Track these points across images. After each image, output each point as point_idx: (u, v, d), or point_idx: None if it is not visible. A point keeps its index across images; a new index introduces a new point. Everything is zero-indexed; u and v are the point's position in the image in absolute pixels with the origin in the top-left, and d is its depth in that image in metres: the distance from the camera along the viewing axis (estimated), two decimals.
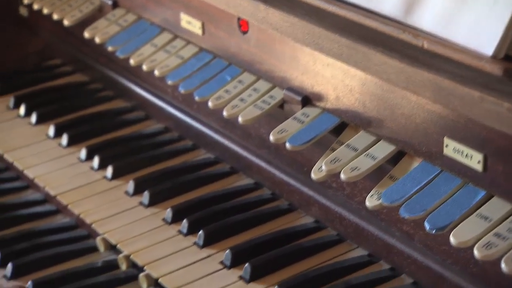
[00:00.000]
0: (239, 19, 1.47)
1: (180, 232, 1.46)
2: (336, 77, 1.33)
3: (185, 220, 1.46)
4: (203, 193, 1.55)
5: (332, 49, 1.24)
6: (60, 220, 1.60)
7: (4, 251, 1.50)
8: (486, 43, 1.07)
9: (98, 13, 1.76)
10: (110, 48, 1.66)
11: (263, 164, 1.53)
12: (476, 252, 1.09)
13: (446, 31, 1.12)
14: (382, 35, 1.21)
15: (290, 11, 1.31)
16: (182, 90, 1.52)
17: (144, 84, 1.73)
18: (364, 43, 1.19)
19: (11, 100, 1.83)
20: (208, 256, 1.41)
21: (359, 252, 1.39)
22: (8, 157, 1.69)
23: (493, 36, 1.07)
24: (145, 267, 1.39)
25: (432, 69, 1.11)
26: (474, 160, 1.15)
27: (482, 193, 1.16)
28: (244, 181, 1.57)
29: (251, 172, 1.56)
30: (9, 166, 1.71)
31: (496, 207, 1.14)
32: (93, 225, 1.50)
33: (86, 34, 1.71)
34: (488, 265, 1.17)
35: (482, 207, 1.15)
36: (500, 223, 1.12)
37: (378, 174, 1.27)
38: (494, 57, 1.08)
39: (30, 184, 1.66)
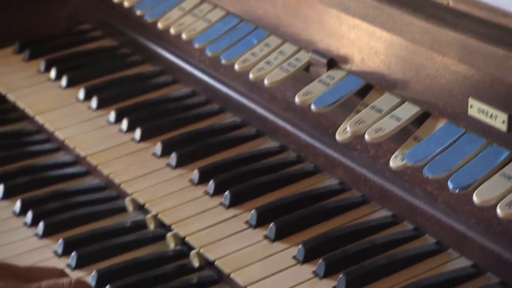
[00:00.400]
0: None
1: (206, 192, 1.46)
2: (361, 39, 1.32)
3: (211, 181, 1.46)
4: (229, 155, 1.54)
5: (357, 10, 1.24)
6: (90, 181, 1.61)
7: (36, 211, 1.51)
8: None
9: None
10: (138, 12, 1.66)
11: (289, 127, 1.52)
12: (499, 211, 1.09)
13: None
14: None
15: None
16: (209, 53, 1.52)
17: (172, 48, 1.72)
18: (389, 3, 1.18)
19: (42, 64, 1.83)
20: (234, 216, 1.41)
21: (383, 213, 1.38)
22: (39, 119, 1.70)
23: None
24: (172, 226, 1.40)
25: (457, 28, 1.10)
26: (498, 120, 1.14)
27: (506, 153, 1.15)
28: (270, 144, 1.55)
29: (276, 135, 1.55)
30: (40, 129, 1.72)
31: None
32: (121, 186, 1.51)
33: None
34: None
35: (506, 166, 1.14)
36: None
37: (402, 135, 1.26)
38: None
39: (61, 146, 1.67)
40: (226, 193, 1.44)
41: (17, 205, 1.54)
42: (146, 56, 1.79)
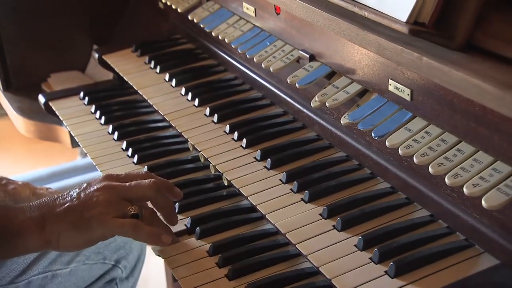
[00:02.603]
0: (275, 5, 1.46)
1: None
2: (328, 42, 1.31)
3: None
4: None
5: (319, 21, 1.22)
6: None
7: (136, 149, 1.51)
8: (402, 13, 1.03)
9: (198, 4, 1.77)
10: (201, 25, 1.68)
11: (287, 98, 1.47)
12: (400, 151, 1.08)
13: (380, 5, 1.08)
14: (344, 10, 1.18)
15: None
16: (240, 51, 1.53)
17: (223, 48, 1.73)
18: (335, 16, 1.17)
19: (146, 59, 1.85)
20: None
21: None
22: (142, 92, 1.71)
23: (406, 9, 1.03)
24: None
25: (374, 32, 1.08)
26: (405, 93, 1.13)
27: (410, 114, 1.14)
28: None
29: (280, 104, 1.50)
30: (143, 99, 1.71)
31: (417, 123, 1.12)
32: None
33: (189, 17, 1.73)
34: (409, 159, 1.12)
35: (409, 123, 1.12)
36: (417, 133, 1.10)
37: (351, 103, 1.25)
38: (407, 22, 1.04)
39: (153, 109, 1.66)
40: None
41: (123, 144, 1.56)
42: (209, 54, 1.80)
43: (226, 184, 1.36)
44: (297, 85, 1.33)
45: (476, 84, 0.90)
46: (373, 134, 1.13)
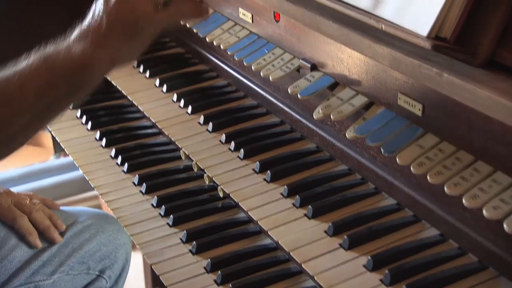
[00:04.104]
0: (274, 12, 1.39)
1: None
2: (332, 52, 1.25)
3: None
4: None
5: (327, 31, 1.16)
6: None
7: (125, 157, 1.45)
8: (423, 28, 0.97)
9: None
10: (195, 30, 1.60)
11: (285, 108, 1.41)
12: (412, 168, 1.02)
13: (398, 18, 1.02)
14: (358, 22, 1.11)
15: (302, 6, 1.22)
16: (236, 58, 1.45)
17: (216, 54, 1.66)
18: (346, 28, 1.10)
19: (134, 62, 1.76)
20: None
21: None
22: (130, 97, 1.64)
23: (427, 23, 0.97)
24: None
25: (388, 45, 1.02)
26: (416, 108, 1.07)
27: (420, 130, 1.08)
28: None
29: (278, 113, 1.44)
30: (131, 104, 1.64)
31: (429, 140, 1.06)
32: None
33: (181, 21, 1.64)
34: (421, 178, 1.07)
35: (420, 139, 1.07)
36: (430, 150, 1.04)
37: (356, 116, 1.18)
38: (428, 37, 0.98)
39: (142, 115, 1.59)
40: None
41: (112, 152, 1.48)
42: (200, 59, 1.73)
43: (221, 195, 1.29)
44: (299, 95, 1.26)
45: (501, 102, 0.85)
46: (382, 150, 1.07)
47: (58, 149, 1.73)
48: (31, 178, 3.09)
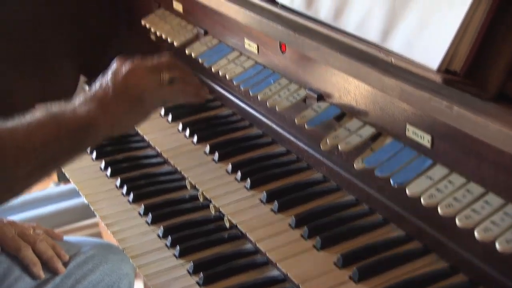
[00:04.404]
0: (280, 43, 1.39)
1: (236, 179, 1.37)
2: (339, 83, 1.25)
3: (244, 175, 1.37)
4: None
5: (336, 64, 1.16)
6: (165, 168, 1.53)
7: (130, 186, 1.44)
8: (433, 61, 0.97)
9: (195, 38, 1.69)
10: (200, 60, 1.60)
11: (291, 137, 1.41)
12: (422, 200, 1.01)
13: (407, 51, 1.03)
14: (367, 54, 1.11)
15: (311, 38, 1.22)
16: (242, 88, 1.45)
17: (221, 83, 1.66)
18: (355, 60, 1.11)
19: None
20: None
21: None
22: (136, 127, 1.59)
23: (437, 56, 0.97)
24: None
25: (397, 77, 1.02)
26: (425, 139, 1.07)
27: (430, 161, 1.07)
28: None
29: (283, 143, 1.44)
30: (138, 134, 1.64)
31: (438, 171, 1.05)
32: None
33: (187, 51, 1.65)
34: (432, 210, 1.06)
35: (429, 171, 1.06)
36: (440, 182, 1.03)
37: (363, 147, 1.18)
38: (438, 70, 0.98)
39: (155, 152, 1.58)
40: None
41: (117, 181, 1.48)
42: None
43: (227, 226, 1.28)
44: (306, 126, 1.26)
45: None
46: (391, 181, 1.07)
47: (61, 178, 1.72)
48: (31, 206, 3.07)
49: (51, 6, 1.95)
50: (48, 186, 3.31)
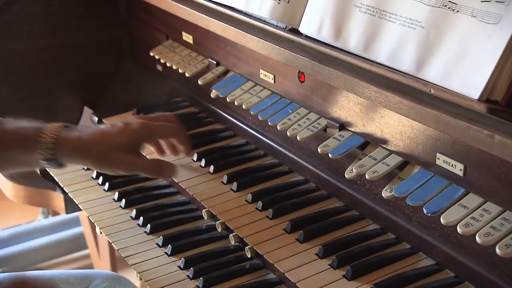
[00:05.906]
0: (299, 72, 1.37)
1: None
2: (363, 112, 1.23)
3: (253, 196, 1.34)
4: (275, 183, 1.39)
5: (363, 93, 1.14)
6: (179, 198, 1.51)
7: (152, 223, 1.39)
8: (474, 91, 0.97)
9: (207, 69, 1.67)
10: (214, 91, 1.57)
11: (310, 167, 1.39)
12: (459, 229, 0.99)
13: (446, 81, 1.02)
14: (400, 84, 1.10)
15: (334, 67, 1.21)
16: (260, 118, 1.43)
17: (233, 114, 1.64)
18: (386, 89, 1.09)
19: None
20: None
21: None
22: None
23: (478, 87, 0.96)
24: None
25: (434, 107, 1.01)
26: (457, 168, 1.05)
27: (462, 190, 1.06)
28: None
29: (302, 172, 1.42)
30: None
31: (472, 200, 1.04)
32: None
33: (200, 82, 1.63)
34: (464, 238, 1.05)
35: (462, 199, 1.04)
36: (475, 211, 1.02)
37: (389, 176, 1.16)
38: (479, 100, 0.97)
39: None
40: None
41: (133, 213, 1.44)
42: (216, 118, 1.70)
43: (249, 256, 1.24)
44: (330, 155, 1.24)
45: None
46: (425, 210, 1.05)
47: (70, 209, 1.67)
48: (20, 238, 2.97)
49: (58, 51, 1.93)
50: (36, 218, 3.21)
